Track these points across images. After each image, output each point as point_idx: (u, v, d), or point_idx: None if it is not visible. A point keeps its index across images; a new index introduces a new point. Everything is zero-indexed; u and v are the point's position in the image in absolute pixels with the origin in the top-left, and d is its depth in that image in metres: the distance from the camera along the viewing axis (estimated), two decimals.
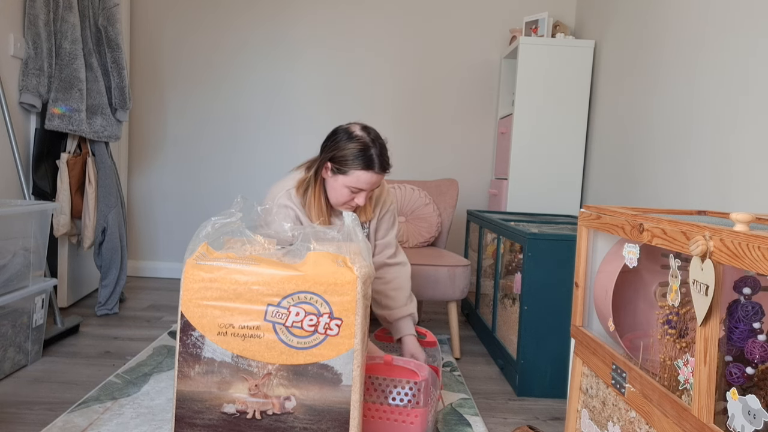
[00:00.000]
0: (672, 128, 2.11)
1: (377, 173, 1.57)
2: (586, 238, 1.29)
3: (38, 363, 1.94)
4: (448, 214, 2.73)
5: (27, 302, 1.87)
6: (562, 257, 1.84)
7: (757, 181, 1.63)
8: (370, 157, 1.55)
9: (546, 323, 1.85)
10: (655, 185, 2.20)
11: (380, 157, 1.57)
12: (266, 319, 1.17)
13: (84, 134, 2.43)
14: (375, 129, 1.65)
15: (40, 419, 1.52)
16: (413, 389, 1.51)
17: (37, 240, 1.92)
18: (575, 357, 1.31)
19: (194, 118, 3.33)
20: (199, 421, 1.19)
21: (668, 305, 1.01)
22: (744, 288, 0.87)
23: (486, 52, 3.31)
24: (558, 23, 3.00)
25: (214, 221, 1.26)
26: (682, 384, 0.93)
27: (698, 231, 0.85)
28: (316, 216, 1.66)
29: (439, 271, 2.22)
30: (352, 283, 1.17)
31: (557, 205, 2.92)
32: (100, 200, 2.56)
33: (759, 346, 0.83)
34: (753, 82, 1.67)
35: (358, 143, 1.57)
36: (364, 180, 1.56)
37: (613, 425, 1.12)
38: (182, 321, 1.20)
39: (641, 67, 2.38)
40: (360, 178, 1.56)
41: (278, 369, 1.18)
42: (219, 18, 3.28)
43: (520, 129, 2.87)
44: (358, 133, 1.60)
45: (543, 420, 1.70)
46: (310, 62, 3.30)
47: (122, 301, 2.80)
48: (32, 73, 2.32)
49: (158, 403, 1.64)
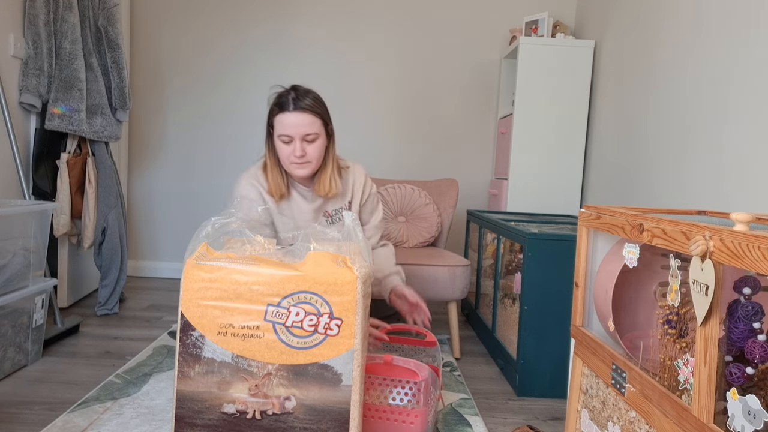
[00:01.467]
0: (672, 128, 2.11)
1: (293, 112, 1.58)
2: (586, 238, 1.29)
3: (38, 363, 1.94)
4: (448, 214, 2.72)
5: (27, 302, 1.87)
6: (562, 257, 1.84)
7: (757, 181, 1.63)
8: (284, 100, 1.59)
9: (546, 323, 1.85)
10: (655, 185, 2.20)
11: (294, 98, 1.59)
12: (266, 319, 1.17)
13: (84, 134, 2.43)
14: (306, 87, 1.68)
15: (40, 419, 1.52)
16: (413, 389, 1.51)
17: (37, 240, 1.92)
18: (575, 357, 1.31)
19: (194, 118, 3.33)
20: (199, 421, 1.19)
21: (668, 305, 1.01)
22: (744, 288, 0.87)
23: (486, 52, 3.31)
24: (558, 23, 3.00)
25: (214, 221, 1.26)
26: (682, 384, 0.93)
27: (698, 231, 0.85)
28: (275, 190, 1.69)
29: (439, 271, 2.22)
30: (352, 283, 1.17)
31: (557, 205, 2.92)
32: (100, 200, 2.56)
33: (759, 346, 0.83)
34: (753, 81, 1.67)
35: (275, 95, 1.63)
36: (286, 123, 1.58)
37: (613, 425, 1.12)
38: (182, 321, 1.20)
39: (641, 67, 2.38)
40: (282, 122, 1.59)
41: (278, 369, 1.18)
42: (219, 18, 3.28)
43: (520, 129, 2.88)
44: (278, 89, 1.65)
45: (543, 420, 1.70)
46: (311, 62, 3.30)
47: (122, 301, 2.80)
48: (32, 73, 2.32)
49: (158, 403, 1.64)
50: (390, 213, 2.66)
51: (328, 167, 1.72)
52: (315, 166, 1.67)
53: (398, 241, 2.59)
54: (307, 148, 1.62)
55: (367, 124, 3.34)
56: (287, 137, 1.60)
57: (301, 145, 1.60)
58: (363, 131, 3.34)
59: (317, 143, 1.64)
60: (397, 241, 2.59)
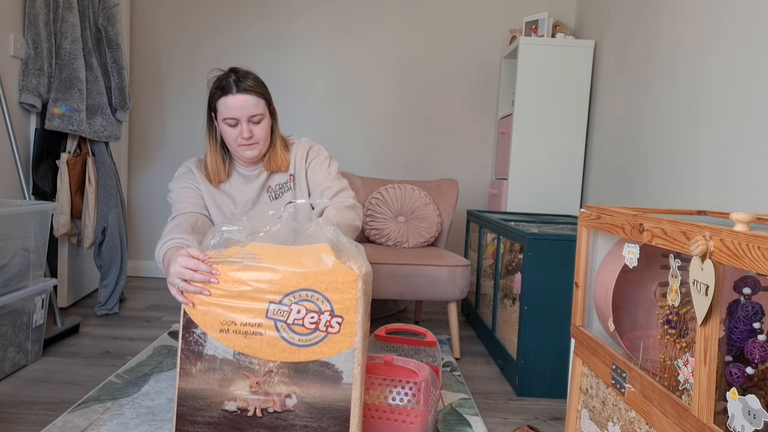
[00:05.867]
0: (672, 128, 2.11)
1: (235, 94, 1.56)
2: (586, 238, 1.30)
3: (38, 363, 1.94)
4: (448, 214, 2.73)
5: (27, 302, 1.87)
6: (562, 257, 1.84)
7: (757, 181, 1.64)
8: (225, 83, 1.57)
9: (546, 323, 1.85)
10: (655, 185, 2.21)
11: (235, 80, 1.57)
12: (268, 316, 1.18)
13: (84, 134, 2.43)
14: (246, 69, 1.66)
15: (40, 419, 1.52)
16: (413, 389, 1.51)
17: (37, 240, 1.92)
18: (575, 357, 1.31)
19: (194, 118, 3.33)
20: (201, 419, 1.19)
21: (668, 305, 1.02)
22: (744, 288, 0.87)
23: (486, 52, 3.31)
24: (558, 23, 3.01)
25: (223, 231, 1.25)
26: (682, 384, 0.94)
27: (698, 231, 0.85)
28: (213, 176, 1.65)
29: (439, 271, 2.22)
30: (353, 282, 1.17)
31: (557, 205, 2.92)
32: (100, 200, 2.56)
33: (759, 346, 0.83)
34: (753, 81, 1.68)
35: (215, 79, 1.61)
36: (229, 106, 1.56)
37: (613, 425, 1.13)
38: (184, 318, 1.20)
39: (641, 67, 2.39)
40: (226, 104, 1.56)
41: (279, 366, 1.18)
42: (219, 18, 3.28)
43: (520, 129, 2.88)
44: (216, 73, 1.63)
45: (543, 420, 1.70)
46: (311, 62, 3.30)
47: (122, 301, 2.80)
48: (32, 73, 2.32)
49: (158, 403, 1.64)
50: (390, 213, 2.66)
51: (277, 145, 1.70)
52: (263, 146, 1.65)
53: (398, 241, 2.60)
54: (254, 129, 1.60)
55: (366, 124, 3.34)
56: (233, 119, 1.58)
57: (248, 126, 1.59)
58: (362, 131, 3.34)
59: (263, 123, 1.62)
60: (397, 241, 2.60)
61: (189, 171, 1.68)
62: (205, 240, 1.26)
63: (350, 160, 3.34)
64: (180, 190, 1.65)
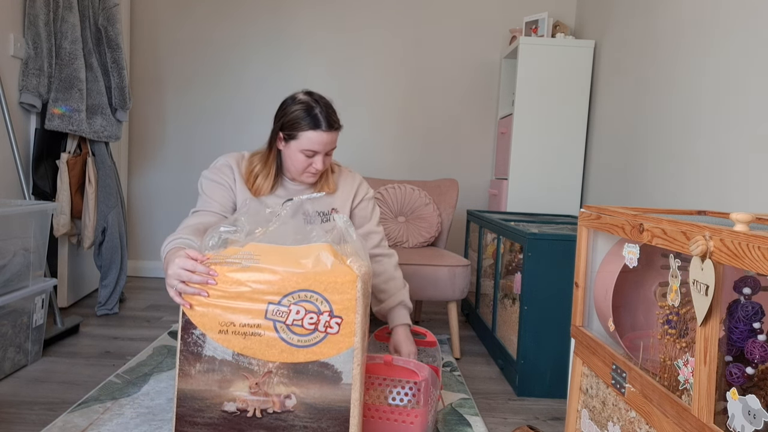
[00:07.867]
0: (672, 128, 2.11)
1: (326, 131, 1.56)
2: (586, 238, 1.30)
3: (38, 363, 1.94)
4: (448, 214, 2.73)
5: (27, 302, 1.87)
6: (562, 257, 1.84)
7: (756, 181, 1.64)
8: (315, 116, 1.56)
9: (546, 323, 1.85)
10: (655, 185, 2.21)
11: (326, 115, 1.57)
12: (267, 317, 1.17)
13: (84, 134, 2.43)
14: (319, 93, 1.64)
15: (40, 419, 1.52)
16: (413, 389, 1.51)
17: (37, 240, 1.92)
18: (575, 357, 1.31)
19: (194, 118, 3.33)
20: (200, 420, 1.19)
21: (668, 305, 1.02)
22: (744, 288, 0.87)
23: (486, 52, 3.31)
24: (558, 23, 3.01)
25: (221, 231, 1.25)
26: (682, 384, 0.93)
27: (698, 231, 0.85)
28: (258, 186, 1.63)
29: (439, 271, 2.22)
30: (353, 282, 1.17)
31: (557, 205, 2.92)
32: (100, 200, 2.56)
33: (759, 346, 0.83)
34: (753, 81, 1.67)
35: (301, 105, 1.58)
36: (315, 141, 1.56)
37: (613, 425, 1.12)
38: (183, 319, 1.20)
39: (641, 67, 2.39)
40: (311, 139, 1.56)
41: (279, 367, 1.18)
42: (219, 18, 3.28)
43: (520, 129, 2.88)
44: (301, 96, 1.61)
45: (543, 420, 1.70)
46: (310, 62, 3.30)
47: (122, 301, 2.80)
48: (32, 73, 2.32)
49: (158, 403, 1.64)
50: (390, 213, 2.66)
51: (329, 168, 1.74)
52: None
53: (398, 241, 2.59)
54: (325, 160, 1.62)
55: (366, 124, 3.34)
56: (313, 152, 1.58)
57: (323, 159, 1.60)
58: (363, 131, 3.34)
59: (331, 154, 1.65)
60: (397, 241, 2.59)
61: (228, 167, 1.65)
62: (204, 240, 1.26)
63: (350, 160, 3.34)
64: (211, 184, 1.62)
